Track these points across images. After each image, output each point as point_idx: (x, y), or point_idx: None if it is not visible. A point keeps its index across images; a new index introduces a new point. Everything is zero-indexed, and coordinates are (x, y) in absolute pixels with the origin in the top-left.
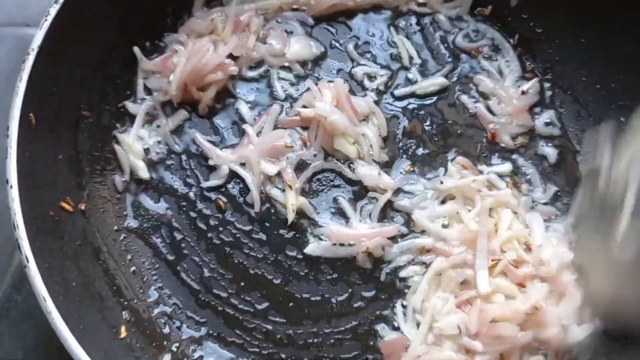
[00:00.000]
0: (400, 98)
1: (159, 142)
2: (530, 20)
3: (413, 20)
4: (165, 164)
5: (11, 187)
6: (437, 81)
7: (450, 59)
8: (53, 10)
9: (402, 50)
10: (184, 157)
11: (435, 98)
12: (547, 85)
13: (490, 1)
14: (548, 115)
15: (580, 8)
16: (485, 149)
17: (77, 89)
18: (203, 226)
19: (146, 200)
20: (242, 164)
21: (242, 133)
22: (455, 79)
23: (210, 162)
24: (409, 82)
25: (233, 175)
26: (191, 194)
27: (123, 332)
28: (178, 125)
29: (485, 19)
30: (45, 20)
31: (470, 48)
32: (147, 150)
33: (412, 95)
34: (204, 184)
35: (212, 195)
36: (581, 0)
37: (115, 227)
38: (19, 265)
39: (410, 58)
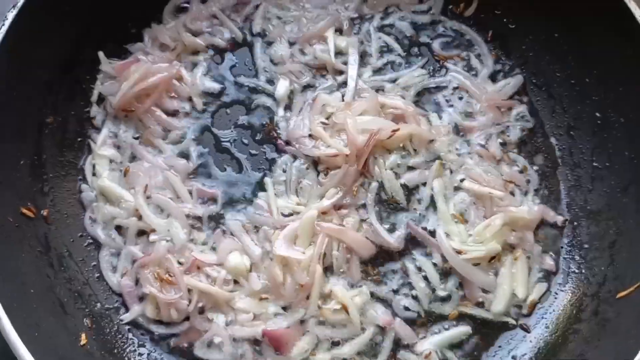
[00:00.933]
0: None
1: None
2: (503, 16)
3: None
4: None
5: None
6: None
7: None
8: (10, 15)
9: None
10: None
11: None
12: (521, 82)
13: None
14: (521, 109)
15: (553, 3)
16: None
17: (41, 93)
18: None
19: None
20: None
21: None
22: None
23: None
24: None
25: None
26: None
27: (83, 339)
28: None
29: (458, 16)
30: (3, 25)
31: (447, 56)
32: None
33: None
34: None
35: None
36: None
37: (80, 233)
38: None
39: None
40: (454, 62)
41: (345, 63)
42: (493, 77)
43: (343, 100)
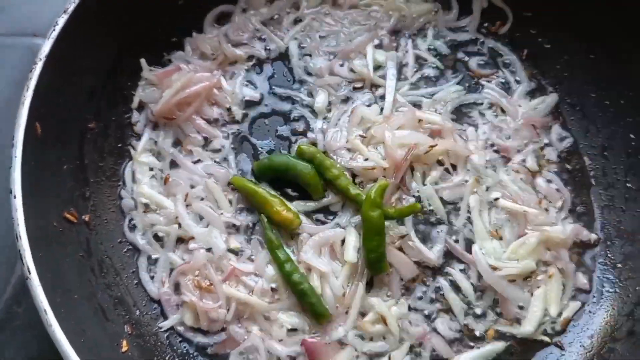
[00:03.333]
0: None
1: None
2: (539, 35)
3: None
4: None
5: (15, 196)
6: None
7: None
8: (61, 21)
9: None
10: None
11: None
12: (556, 101)
13: (498, 17)
14: (557, 130)
15: (589, 24)
16: None
17: (84, 99)
18: None
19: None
20: None
21: None
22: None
23: None
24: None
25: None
26: None
27: (124, 346)
28: None
29: (493, 34)
30: (54, 30)
31: (482, 74)
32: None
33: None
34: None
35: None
36: (590, 16)
37: (119, 240)
38: (20, 277)
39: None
40: (489, 79)
41: (383, 77)
42: (527, 96)
43: (381, 113)
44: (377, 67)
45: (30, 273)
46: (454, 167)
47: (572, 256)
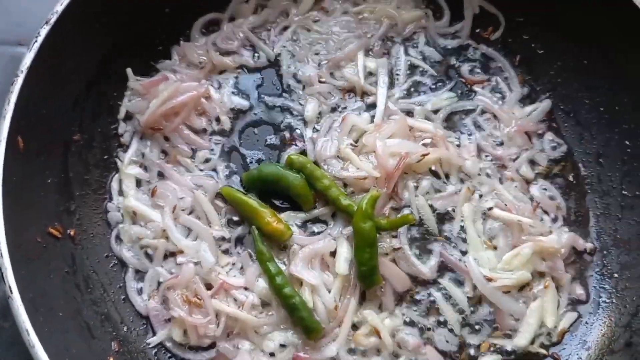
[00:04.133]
0: None
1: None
2: (531, 41)
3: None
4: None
5: None
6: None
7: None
8: (43, 31)
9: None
10: None
11: None
12: (549, 107)
13: (490, 23)
14: (550, 137)
15: (582, 29)
16: None
17: (68, 110)
18: None
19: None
20: None
21: None
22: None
23: None
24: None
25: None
26: None
27: None
28: None
29: (486, 40)
30: (36, 41)
31: (475, 80)
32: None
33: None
34: None
35: None
36: (583, 21)
37: (106, 254)
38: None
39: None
40: (482, 86)
41: (374, 84)
42: (521, 102)
43: (372, 122)
44: (368, 74)
45: (12, 292)
46: (447, 176)
47: (568, 266)
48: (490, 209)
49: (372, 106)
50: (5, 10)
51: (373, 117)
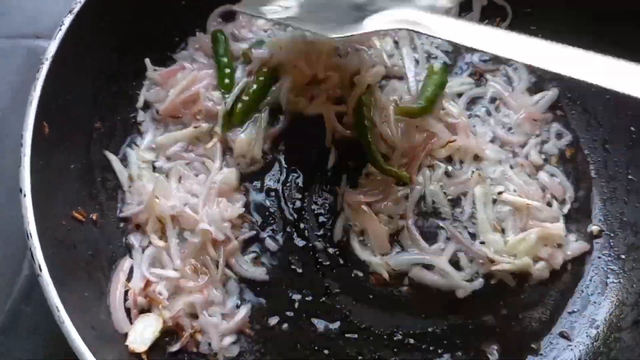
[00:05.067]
0: None
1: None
2: (539, 31)
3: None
4: None
5: (25, 195)
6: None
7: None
8: (67, 20)
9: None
10: None
11: None
12: (556, 95)
13: (498, 14)
14: (558, 125)
15: (591, 17)
16: None
17: (90, 98)
18: None
19: None
20: None
21: None
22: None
23: None
24: None
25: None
26: None
27: None
28: None
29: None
30: (60, 30)
31: (485, 69)
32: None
33: None
34: None
35: None
36: (591, 10)
37: (126, 239)
38: (28, 277)
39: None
40: (493, 75)
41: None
42: (529, 91)
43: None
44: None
45: (41, 270)
46: (461, 162)
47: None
48: (500, 193)
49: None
50: (20, 5)
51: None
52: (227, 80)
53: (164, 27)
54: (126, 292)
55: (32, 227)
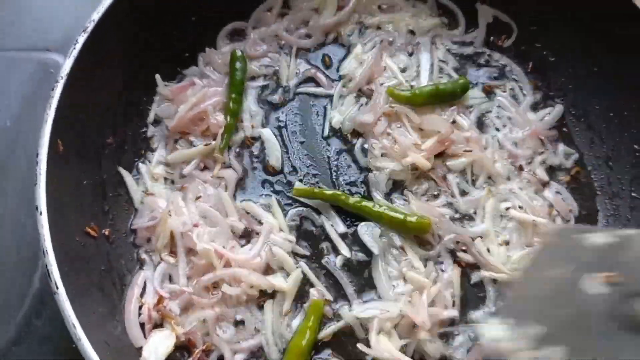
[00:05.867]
0: None
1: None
2: (544, 49)
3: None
4: None
5: (40, 213)
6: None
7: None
8: (81, 39)
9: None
10: None
11: None
12: (561, 112)
13: (503, 31)
14: (563, 142)
15: (593, 37)
16: None
17: (102, 115)
18: None
19: None
20: None
21: None
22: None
23: None
24: None
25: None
26: None
27: None
28: None
29: (500, 47)
30: (74, 48)
31: (491, 85)
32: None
33: None
34: None
35: None
36: (594, 30)
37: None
38: (39, 290)
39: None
40: (502, 90)
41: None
42: (534, 107)
43: None
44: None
45: (57, 288)
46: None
47: None
48: (507, 208)
49: None
50: (32, 17)
51: None
52: (232, 105)
53: (175, 43)
54: (140, 307)
55: (48, 244)
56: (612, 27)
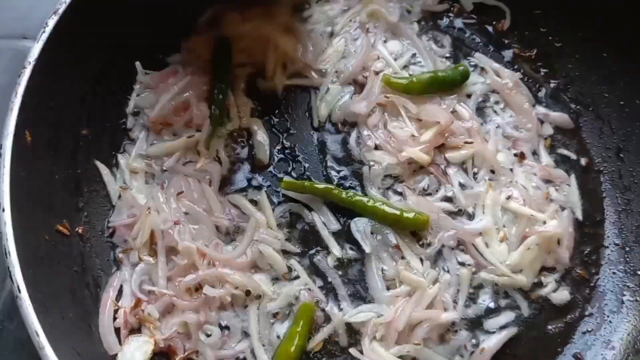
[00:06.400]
0: None
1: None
2: (549, 34)
3: None
4: None
5: (3, 210)
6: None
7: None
8: (51, 22)
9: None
10: None
11: None
12: (567, 101)
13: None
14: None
15: (601, 21)
16: None
17: (76, 104)
18: None
19: None
20: None
21: None
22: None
23: None
24: None
25: None
26: None
27: None
28: None
29: (499, 32)
30: (43, 32)
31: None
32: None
33: None
34: None
35: None
36: (601, 14)
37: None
38: (11, 293)
39: None
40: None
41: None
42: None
43: None
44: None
45: (20, 292)
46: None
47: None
48: (508, 197)
49: None
50: (9, 4)
51: None
52: (218, 95)
53: (155, 28)
54: (116, 311)
55: (10, 244)
56: (622, 9)
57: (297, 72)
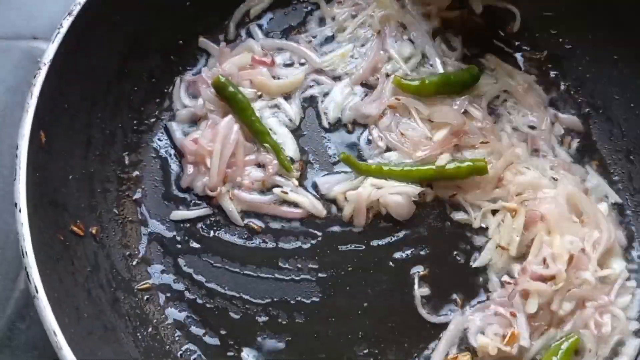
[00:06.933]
0: None
1: None
2: (559, 36)
3: None
4: None
5: (20, 210)
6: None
7: None
8: (66, 23)
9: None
10: None
11: None
12: (577, 103)
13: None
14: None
15: (611, 23)
16: None
17: (89, 105)
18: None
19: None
20: None
21: None
22: None
23: None
24: None
25: None
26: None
27: None
28: None
29: (510, 35)
30: (58, 32)
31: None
32: None
33: None
34: None
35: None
36: (612, 15)
37: (128, 252)
38: (23, 292)
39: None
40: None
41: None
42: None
43: None
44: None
45: (37, 292)
46: None
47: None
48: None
49: None
50: (17, 3)
51: None
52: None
53: (167, 29)
54: None
55: (27, 244)
56: (632, 11)
57: None
